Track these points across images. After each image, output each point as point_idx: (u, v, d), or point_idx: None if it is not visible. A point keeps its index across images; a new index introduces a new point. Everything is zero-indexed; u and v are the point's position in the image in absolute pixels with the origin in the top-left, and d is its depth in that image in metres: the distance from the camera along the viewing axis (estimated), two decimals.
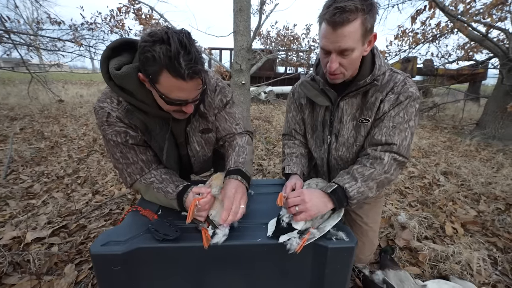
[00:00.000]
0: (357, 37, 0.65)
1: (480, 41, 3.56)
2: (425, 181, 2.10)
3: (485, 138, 3.44)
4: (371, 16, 0.65)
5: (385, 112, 0.78)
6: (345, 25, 0.63)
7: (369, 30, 0.67)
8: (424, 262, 1.18)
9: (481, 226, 1.48)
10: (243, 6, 2.28)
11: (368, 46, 0.72)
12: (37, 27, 4.76)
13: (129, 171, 0.78)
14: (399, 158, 0.76)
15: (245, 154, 0.85)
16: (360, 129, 0.83)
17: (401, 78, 0.78)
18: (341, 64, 0.70)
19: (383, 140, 0.77)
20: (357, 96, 0.81)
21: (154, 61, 0.57)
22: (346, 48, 0.66)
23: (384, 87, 0.78)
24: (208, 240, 0.61)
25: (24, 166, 2.18)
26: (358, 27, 0.64)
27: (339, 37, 0.64)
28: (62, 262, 1.12)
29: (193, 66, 0.58)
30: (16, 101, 5.18)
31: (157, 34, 0.57)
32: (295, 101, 0.98)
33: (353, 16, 0.62)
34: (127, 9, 3.72)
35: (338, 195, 0.71)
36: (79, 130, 3.41)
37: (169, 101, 0.64)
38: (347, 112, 0.83)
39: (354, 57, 0.69)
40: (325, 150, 0.92)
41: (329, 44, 0.67)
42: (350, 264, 0.67)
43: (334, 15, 0.62)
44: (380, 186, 0.75)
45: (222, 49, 7.31)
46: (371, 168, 0.75)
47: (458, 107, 5.47)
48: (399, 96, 0.76)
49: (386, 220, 1.51)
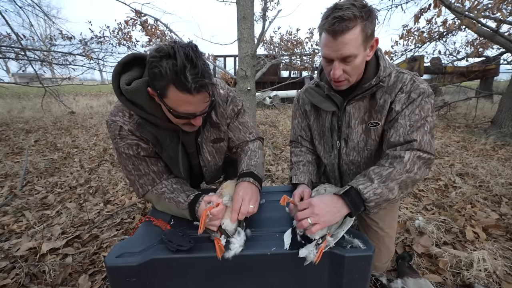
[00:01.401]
0: (358, 44, 0.66)
1: (490, 36, 3.46)
2: (440, 183, 2.03)
3: (502, 136, 3.30)
4: (370, 22, 0.65)
5: (398, 112, 0.75)
6: (345, 33, 0.63)
7: (370, 35, 0.67)
8: (445, 270, 1.12)
9: (504, 230, 1.41)
10: (247, 14, 2.32)
11: (370, 51, 0.72)
12: (50, 43, 5.00)
13: (141, 182, 0.79)
14: (423, 155, 0.70)
15: (257, 158, 0.87)
16: (370, 133, 0.82)
17: (408, 77, 0.76)
18: (345, 71, 0.70)
19: (402, 140, 0.73)
20: (364, 99, 0.80)
21: (161, 77, 0.58)
22: (348, 55, 0.67)
23: (392, 88, 0.76)
24: (222, 250, 0.60)
25: (39, 177, 2.24)
26: (358, 34, 0.64)
27: (340, 45, 0.65)
28: (76, 272, 1.14)
29: (200, 80, 0.58)
30: (31, 114, 5.40)
31: (163, 49, 0.58)
32: (300, 108, 0.98)
33: (352, 24, 0.63)
34: (134, 22, 3.85)
35: (352, 197, 0.65)
36: (90, 141, 3.50)
37: (178, 115, 0.65)
38: (355, 116, 0.82)
39: (357, 63, 0.69)
40: (335, 155, 0.91)
41: (331, 52, 0.68)
42: (368, 273, 0.65)
43: (333, 24, 0.63)
44: (403, 187, 0.69)
45: (227, 56, 7.43)
46: (390, 167, 0.69)
47: (470, 105, 5.30)
48: (411, 94, 0.73)
49: (402, 225, 1.46)
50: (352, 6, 0.63)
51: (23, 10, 4.55)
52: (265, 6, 2.51)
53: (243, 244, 0.62)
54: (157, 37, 3.64)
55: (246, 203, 0.68)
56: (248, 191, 0.72)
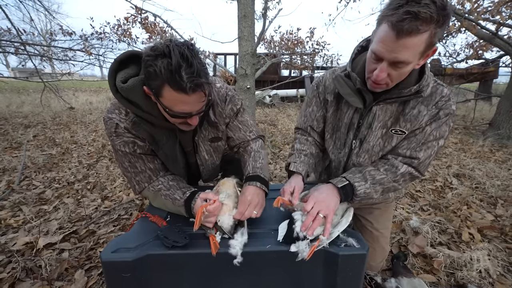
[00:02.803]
0: (419, 51, 0.57)
1: (489, 39, 3.47)
2: (437, 184, 2.04)
3: (499, 138, 3.32)
4: (442, 30, 0.55)
5: (421, 126, 0.73)
6: (412, 36, 0.53)
7: (433, 43, 0.57)
8: (439, 270, 1.13)
9: (499, 231, 1.42)
10: (247, 12, 2.31)
11: (423, 60, 0.63)
12: (50, 38, 4.97)
13: (137, 179, 0.79)
14: (415, 173, 0.76)
15: (262, 159, 0.86)
16: (392, 140, 0.77)
17: (447, 92, 0.72)
18: (390, 75, 0.63)
19: (408, 154, 0.75)
20: (394, 104, 0.74)
21: (156, 76, 0.57)
22: (403, 61, 0.58)
23: (428, 100, 0.71)
24: (217, 247, 0.61)
25: (37, 172, 2.24)
26: (424, 40, 0.55)
27: (400, 47, 0.56)
28: (72, 267, 1.14)
29: (195, 79, 0.57)
30: (30, 109, 5.38)
31: (158, 48, 0.57)
32: (319, 96, 0.88)
33: (424, 27, 0.52)
34: (134, 18, 3.83)
35: (347, 190, 0.73)
36: (89, 137, 3.49)
37: (173, 114, 0.65)
38: (379, 118, 0.76)
39: (406, 70, 0.62)
40: (345, 154, 0.87)
41: (385, 52, 0.58)
42: (362, 271, 0.65)
43: (403, 20, 0.52)
44: (385, 191, 0.78)
45: (227, 54, 7.40)
46: (384, 174, 0.76)
47: (469, 107, 5.32)
48: (440, 112, 0.71)
49: (398, 225, 1.47)
50: (432, 4, 0.51)
51: (24, 5, 4.51)
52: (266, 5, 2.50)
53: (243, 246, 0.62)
54: (157, 34, 3.63)
55: (252, 208, 0.69)
56: (255, 197, 0.72)
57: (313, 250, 0.59)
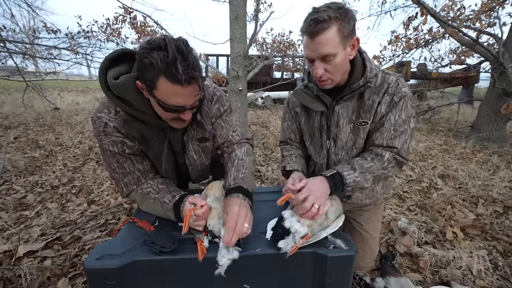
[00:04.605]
0: (336, 43, 0.69)
1: (471, 45, 3.64)
2: (423, 184, 2.11)
3: (480, 140, 3.48)
4: (346, 22, 0.68)
5: (383, 114, 0.80)
6: (321, 33, 0.67)
7: (348, 35, 0.70)
8: (425, 268, 1.16)
9: (480, 229, 1.48)
10: (239, 14, 2.31)
11: (352, 50, 0.75)
12: (33, 36, 4.77)
13: (125, 181, 0.77)
14: (399, 158, 0.80)
15: (245, 169, 0.81)
16: (359, 132, 0.85)
17: (393, 78, 0.80)
18: (327, 70, 0.73)
19: (385, 144, 0.81)
20: (352, 99, 0.83)
21: (152, 67, 0.58)
22: (327, 54, 0.70)
23: (379, 89, 0.80)
24: (203, 252, 0.60)
25: (18, 176, 2.14)
26: (334, 33, 0.68)
27: (317, 45, 0.69)
28: (55, 276, 1.09)
29: (190, 71, 0.59)
30: (10, 110, 5.13)
31: (155, 41, 0.58)
32: (290, 111, 1.00)
33: (327, 25, 0.67)
34: (123, 18, 3.75)
35: (336, 180, 0.75)
36: (75, 138, 3.37)
37: (167, 108, 0.64)
38: (343, 115, 0.85)
39: (337, 62, 0.72)
40: (324, 155, 0.94)
41: (310, 52, 0.72)
42: (351, 272, 0.66)
43: (310, 26, 0.67)
44: (376, 180, 0.80)
45: (219, 56, 7.37)
46: (371, 162, 0.79)
47: (453, 110, 5.54)
48: (393, 97, 0.78)
49: (386, 225, 1.50)
50: (327, 9, 0.67)
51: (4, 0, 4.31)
52: (258, 7, 2.52)
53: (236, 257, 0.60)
54: (147, 34, 3.56)
55: (241, 222, 0.62)
56: (242, 208, 0.67)
57: (296, 248, 0.61)
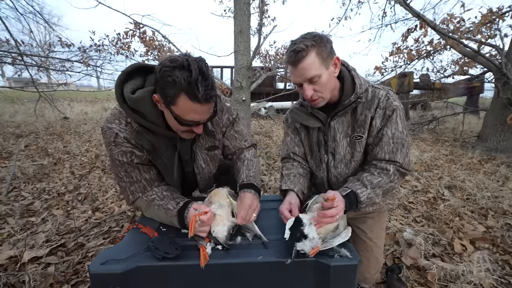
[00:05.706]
0: (317, 65, 0.75)
1: (473, 56, 3.67)
2: (429, 195, 2.07)
3: (487, 150, 3.42)
4: (323, 46, 0.75)
5: (379, 128, 0.84)
6: (302, 61, 0.74)
7: (327, 56, 0.76)
8: (433, 282, 1.12)
9: (491, 242, 1.43)
10: (243, 28, 2.41)
11: (336, 68, 0.81)
12: (49, 49, 5.01)
13: (132, 189, 0.79)
14: (402, 170, 0.84)
15: (254, 168, 0.93)
16: (356, 146, 0.88)
17: (383, 93, 0.83)
18: (315, 90, 0.79)
19: (387, 158, 0.83)
20: (346, 114, 0.87)
21: (174, 85, 0.62)
22: (312, 76, 0.76)
23: (370, 103, 0.83)
24: (206, 259, 0.60)
25: (26, 183, 2.18)
26: (314, 57, 0.74)
27: (301, 70, 0.76)
28: (58, 283, 1.09)
29: (209, 91, 0.64)
30: (22, 119, 5.32)
31: (177, 60, 0.62)
32: (290, 126, 1.04)
33: (305, 52, 0.73)
34: (133, 33, 3.93)
35: (351, 199, 0.76)
36: (82, 147, 3.45)
37: (183, 122, 0.68)
38: (339, 130, 0.89)
39: (323, 81, 0.77)
40: (324, 169, 0.96)
41: (297, 78, 0.78)
42: (354, 283, 0.65)
43: (291, 57, 0.75)
44: (385, 193, 0.82)
45: (223, 67, 7.57)
46: (379, 177, 0.81)
47: (458, 120, 5.50)
48: (386, 111, 0.82)
49: (391, 236, 1.47)
50: (303, 39, 0.75)
51: (24, 17, 4.59)
52: (261, 21, 2.62)
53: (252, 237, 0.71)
54: (155, 48, 3.72)
55: (252, 211, 0.76)
56: (254, 201, 0.79)
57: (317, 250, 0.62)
